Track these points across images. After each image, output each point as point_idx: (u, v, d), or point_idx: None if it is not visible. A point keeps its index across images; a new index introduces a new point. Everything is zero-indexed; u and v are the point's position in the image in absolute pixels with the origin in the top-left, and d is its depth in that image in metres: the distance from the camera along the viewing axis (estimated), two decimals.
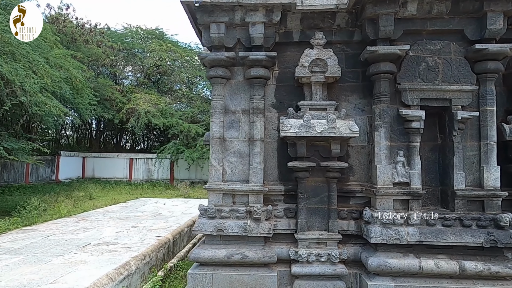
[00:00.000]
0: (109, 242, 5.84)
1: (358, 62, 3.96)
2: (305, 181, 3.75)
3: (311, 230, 3.73)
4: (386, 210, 3.51)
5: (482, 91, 3.57)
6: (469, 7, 3.49)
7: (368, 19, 3.63)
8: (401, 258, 3.41)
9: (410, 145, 3.62)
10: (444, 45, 3.64)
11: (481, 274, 3.30)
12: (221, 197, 3.82)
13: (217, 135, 3.89)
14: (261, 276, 3.58)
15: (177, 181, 19.73)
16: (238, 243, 3.71)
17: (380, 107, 3.63)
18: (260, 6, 3.68)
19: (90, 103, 15.04)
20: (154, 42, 22.92)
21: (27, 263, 4.58)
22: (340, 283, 3.58)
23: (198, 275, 3.62)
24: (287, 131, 3.57)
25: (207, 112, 20.88)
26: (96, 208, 10.27)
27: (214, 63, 3.88)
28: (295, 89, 4.07)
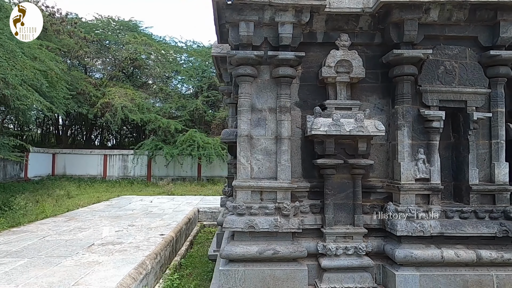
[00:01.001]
0: (114, 241, 5.71)
1: (378, 64, 4.14)
2: (332, 178, 3.89)
3: (337, 224, 3.88)
4: (409, 204, 3.74)
5: (493, 94, 3.89)
6: (484, 15, 3.77)
7: (393, 23, 3.81)
8: (424, 249, 3.65)
9: (429, 143, 3.86)
10: (461, 50, 3.91)
11: (494, 261, 3.61)
12: (249, 194, 3.87)
13: (245, 133, 3.93)
14: (292, 271, 3.68)
15: (155, 178, 19.34)
16: (267, 239, 3.79)
17: (404, 107, 3.84)
18: (290, 6, 3.74)
19: (65, 97, 14.32)
20: (128, 34, 22.15)
21: (36, 266, 4.40)
22: (366, 274, 3.76)
23: (230, 272, 3.66)
24: (317, 130, 3.68)
25: (185, 108, 20.62)
26: (80, 207, 9.92)
27: (242, 61, 3.90)
28: (317, 88, 4.19)
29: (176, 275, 4.96)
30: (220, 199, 6.14)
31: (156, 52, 22.48)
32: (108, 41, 23.11)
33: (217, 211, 10.08)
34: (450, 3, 3.67)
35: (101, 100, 18.25)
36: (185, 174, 19.70)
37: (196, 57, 23.61)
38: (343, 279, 3.74)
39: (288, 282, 3.66)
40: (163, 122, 18.18)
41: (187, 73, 21.75)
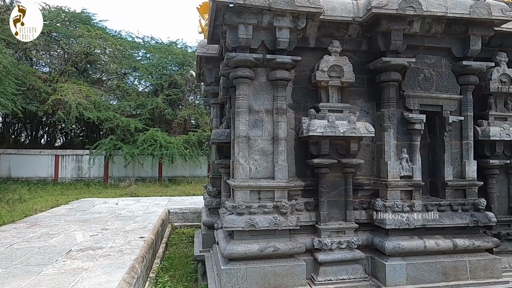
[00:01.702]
0: (92, 246, 5.49)
1: (364, 70, 4.44)
2: (326, 177, 4.11)
3: (331, 220, 4.11)
4: (396, 200, 4.08)
5: (464, 99, 4.36)
6: (457, 29, 4.22)
7: (380, 32, 4.11)
8: (409, 240, 4.00)
9: (411, 144, 4.24)
10: (437, 59, 4.34)
11: (467, 248, 4.07)
12: (248, 193, 3.95)
13: (244, 134, 4.00)
14: (291, 266, 3.84)
15: (113, 179, 18.51)
16: (266, 237, 3.90)
17: (389, 111, 4.17)
18: (288, 12, 3.89)
19: (13, 93, 13.16)
20: (81, 27, 20.85)
21: (16, 275, 4.12)
22: (358, 266, 4.04)
23: (232, 271, 3.72)
24: (314, 131, 3.87)
25: (145, 106, 19.97)
26: (39, 212, 9.27)
27: (241, 64, 3.97)
28: (309, 91, 4.39)
29: (167, 277, 4.88)
30: (204, 200, 6.12)
31: (112, 47, 21.40)
32: (58, 33, 21.54)
33: (188, 211, 9.97)
34: (430, 17, 4.06)
35: (52, 97, 16.99)
36: (145, 175, 19.05)
37: (155, 54, 22.88)
38: (338, 272, 3.98)
39: (288, 277, 3.81)
40: (122, 121, 17.41)
41: (146, 70, 20.99)
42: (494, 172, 4.57)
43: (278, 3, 3.80)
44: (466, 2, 4.09)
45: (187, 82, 21.44)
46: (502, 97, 4.65)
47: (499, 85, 4.53)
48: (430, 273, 3.96)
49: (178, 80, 20.96)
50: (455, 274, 4.01)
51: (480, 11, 4.05)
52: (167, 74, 21.75)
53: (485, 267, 4.08)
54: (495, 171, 4.56)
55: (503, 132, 4.40)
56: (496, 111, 4.62)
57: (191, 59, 22.50)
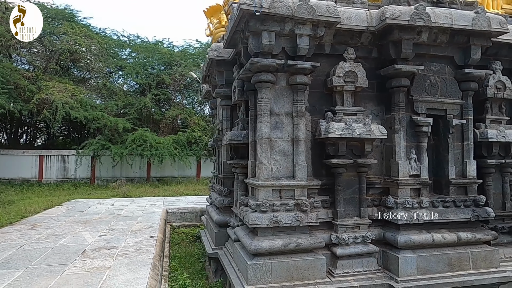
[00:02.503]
0: (106, 246, 5.56)
1: (373, 75, 4.73)
2: (342, 176, 4.38)
3: (347, 217, 4.38)
4: (406, 197, 4.39)
5: (465, 104, 4.74)
6: (460, 39, 4.58)
7: (392, 41, 4.42)
8: (418, 234, 4.32)
9: (419, 145, 4.57)
10: (441, 67, 4.69)
11: (469, 241, 4.43)
12: (271, 192, 4.16)
13: (266, 136, 4.21)
14: (312, 260, 4.07)
15: (100, 180, 18.25)
16: (288, 233, 4.12)
17: (400, 114, 4.48)
18: (308, 20, 4.12)
19: None
20: (65, 24, 20.39)
21: (40, 275, 4.18)
22: (372, 259, 4.32)
23: (258, 265, 3.91)
24: (333, 133, 4.13)
25: (133, 106, 19.78)
26: (34, 213, 9.12)
27: (263, 69, 4.18)
28: (324, 95, 4.64)
29: (186, 274, 5.01)
30: (213, 199, 6.26)
31: (97, 45, 21.02)
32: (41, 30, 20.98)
33: (186, 211, 10.05)
34: (437, 28, 4.39)
35: (37, 96, 16.57)
36: (133, 175, 18.87)
37: (141, 53, 22.66)
38: (354, 265, 4.25)
39: (309, 270, 4.05)
40: (111, 121, 17.19)
41: (133, 69, 20.76)
42: (491, 171, 4.97)
43: (301, 12, 4.03)
44: (469, 15, 4.45)
45: (174, 82, 21.35)
46: (497, 102, 5.07)
47: (495, 91, 4.94)
48: (438, 264, 4.30)
49: (166, 80, 20.85)
50: (459, 264, 4.36)
51: (481, 23, 4.42)
52: (154, 74, 21.60)
53: (485, 258, 4.46)
54: (491, 170, 4.97)
55: (499, 134, 4.80)
56: (492, 115, 5.03)
57: (178, 59, 22.45)
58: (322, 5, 4.13)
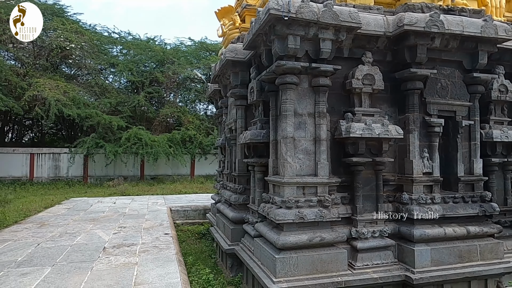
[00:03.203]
0: (124, 243, 5.66)
1: (388, 78, 4.96)
2: (361, 174, 4.61)
3: (365, 212, 4.62)
4: (420, 193, 4.66)
5: (472, 106, 5.04)
6: (469, 45, 4.88)
7: (407, 46, 4.67)
8: (431, 228, 4.60)
9: (431, 144, 4.85)
10: (451, 71, 4.98)
11: (477, 234, 4.75)
12: (295, 189, 4.35)
13: (290, 135, 4.39)
14: (335, 253, 4.29)
15: (93, 178, 18.07)
16: (311, 228, 4.32)
17: (414, 115, 4.75)
18: (331, 25, 4.32)
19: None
20: (55, 20, 20.00)
21: (69, 271, 4.26)
22: (389, 252, 4.58)
23: (285, 259, 4.10)
24: (354, 133, 4.35)
25: (126, 104, 19.64)
26: (37, 212, 9.06)
27: (288, 71, 4.36)
28: (342, 96, 4.86)
29: (208, 269, 5.14)
30: (227, 197, 6.40)
31: (88, 41, 20.71)
32: None
33: (189, 209, 10.14)
34: (449, 34, 4.67)
35: (28, 92, 16.25)
36: (127, 174, 18.74)
37: (134, 50, 22.45)
38: (372, 258, 4.49)
39: (332, 263, 4.27)
40: (105, 119, 17.01)
41: (126, 66, 20.56)
42: (494, 169, 5.30)
43: (325, 18, 4.22)
44: (478, 23, 4.75)
45: (168, 79, 21.26)
46: (500, 104, 5.40)
47: (498, 93, 5.27)
48: (449, 256, 4.59)
49: (159, 78, 20.75)
50: (468, 256, 4.67)
51: (489, 30, 4.73)
52: (147, 71, 21.45)
53: (491, 250, 4.78)
54: (495, 168, 5.30)
55: (503, 134, 5.14)
56: (495, 116, 5.36)
57: (171, 57, 22.35)
58: (345, 11, 4.34)
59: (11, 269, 4.32)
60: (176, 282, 3.86)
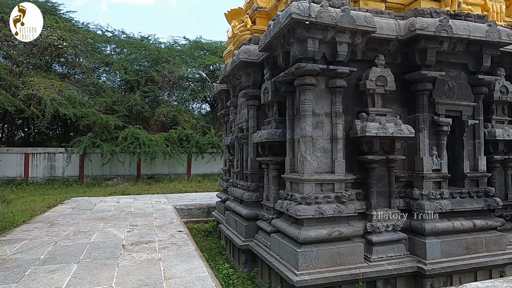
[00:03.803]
0: (141, 241, 5.78)
1: (397, 80, 5.19)
2: (375, 171, 4.83)
3: (379, 208, 4.84)
4: (430, 189, 4.91)
5: (477, 106, 5.32)
6: (474, 49, 5.15)
7: (418, 49, 4.91)
8: (441, 222, 4.85)
9: (439, 143, 5.11)
10: (457, 73, 5.24)
11: (483, 227, 5.03)
12: (314, 186, 4.55)
13: (309, 134, 4.59)
14: (353, 247, 4.51)
15: (89, 178, 17.96)
16: (329, 223, 4.53)
17: (424, 115, 4.99)
18: (347, 29, 4.52)
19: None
20: (49, 17, 19.72)
21: (96, 268, 4.38)
22: (401, 245, 4.82)
23: (307, 253, 4.30)
24: (370, 132, 4.57)
25: (122, 103, 19.56)
26: (42, 212, 9.04)
27: (307, 73, 4.55)
28: (356, 97, 5.08)
29: (227, 264, 5.30)
30: (239, 195, 6.55)
31: (82, 40, 20.50)
32: None
33: (194, 208, 10.26)
34: (456, 38, 4.92)
35: (23, 91, 16.02)
36: (123, 173, 18.62)
37: (128, 49, 22.31)
38: (386, 251, 4.72)
39: (350, 256, 4.48)
40: (102, 118, 16.91)
41: (121, 65, 20.43)
42: (496, 166, 5.60)
43: (343, 22, 4.42)
44: (483, 27, 5.02)
45: (163, 79, 21.21)
46: (501, 104, 5.70)
47: (499, 94, 5.56)
48: (457, 248, 4.85)
49: (155, 77, 20.69)
50: (475, 248, 4.94)
51: (493, 35, 5.00)
52: (142, 70, 21.36)
53: (495, 242, 5.07)
54: (496, 165, 5.60)
55: (504, 133, 5.43)
56: (497, 116, 5.66)
57: (166, 56, 22.30)
58: (361, 16, 4.54)
59: (37, 266, 4.40)
60: (205, 276, 4.01)
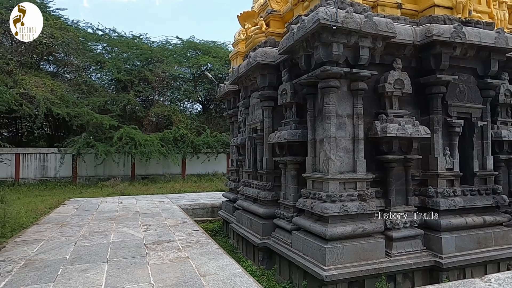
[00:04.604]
0: (161, 240, 5.85)
1: (412, 83, 5.44)
2: (394, 170, 5.05)
3: (397, 205, 5.07)
4: (444, 187, 5.17)
5: (485, 109, 5.62)
6: (483, 54, 5.45)
7: (433, 54, 5.16)
8: (454, 218, 5.12)
9: (451, 143, 5.38)
10: (468, 77, 5.53)
11: (492, 223, 5.33)
12: (338, 185, 4.73)
13: (333, 135, 4.77)
14: (375, 243, 4.71)
15: (82, 178, 17.72)
16: (352, 220, 4.72)
17: (438, 117, 5.25)
18: (369, 34, 4.73)
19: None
20: None
21: (129, 266, 4.45)
22: (418, 240, 5.06)
23: (333, 248, 4.47)
24: (390, 132, 4.79)
25: (115, 103, 19.36)
26: (47, 213, 8.94)
27: (331, 75, 4.72)
28: (373, 99, 5.29)
29: (250, 261, 5.41)
30: (253, 194, 6.67)
31: (74, 38, 20.14)
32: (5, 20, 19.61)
33: (198, 207, 10.32)
34: (467, 44, 5.20)
35: (15, 90, 15.65)
36: (117, 173, 18.43)
37: (120, 48, 22.04)
38: (404, 246, 4.95)
39: (372, 252, 4.68)
40: (96, 118, 16.70)
41: (114, 65, 20.18)
42: (501, 165, 5.92)
43: (366, 27, 4.62)
44: (492, 34, 5.31)
45: (157, 78, 21.08)
46: (505, 106, 6.04)
47: (504, 97, 5.89)
48: (470, 243, 5.13)
49: (148, 76, 20.54)
50: (485, 242, 5.24)
51: (501, 41, 5.31)
52: (136, 70, 21.16)
53: (503, 236, 5.38)
54: (501, 164, 5.92)
55: (510, 134, 5.76)
56: (501, 117, 5.99)
57: (158, 55, 22.16)
58: (382, 22, 4.75)
59: (67, 266, 4.41)
60: (240, 273, 4.13)
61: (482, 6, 5.84)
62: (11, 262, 4.63)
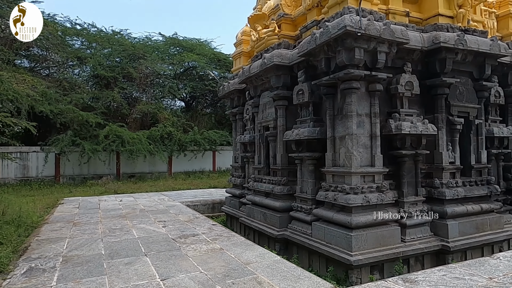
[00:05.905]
0: (187, 235, 6.09)
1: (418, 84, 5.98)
2: (406, 164, 5.57)
3: (408, 196, 5.59)
4: (448, 179, 5.75)
5: (480, 108, 6.27)
6: (479, 60, 6.07)
7: (438, 59, 5.71)
8: (457, 206, 5.72)
9: (453, 139, 5.97)
10: (466, 79, 6.15)
11: (487, 210, 5.99)
12: (359, 178, 5.17)
13: (355, 132, 5.19)
14: (392, 230, 5.20)
15: (65, 178, 17.28)
16: (372, 210, 5.18)
17: (442, 115, 5.82)
18: (387, 40, 5.19)
19: None
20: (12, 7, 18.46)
21: (170, 258, 4.69)
22: (427, 227, 5.61)
23: (358, 236, 4.91)
24: (404, 130, 5.28)
25: (101, 100, 18.99)
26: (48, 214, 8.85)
27: (353, 78, 5.14)
28: (385, 100, 5.77)
29: (275, 251, 5.73)
30: (267, 190, 7.00)
31: (53, 33, 19.44)
32: None
33: (199, 204, 10.51)
34: (467, 50, 5.79)
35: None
36: (102, 172, 18.09)
37: (101, 44, 21.50)
38: (416, 232, 5.48)
39: (390, 238, 5.17)
40: (82, 115, 16.29)
41: (96, 60, 19.68)
42: (492, 158, 6.62)
43: (385, 34, 5.07)
44: (487, 42, 5.94)
45: (141, 75, 20.79)
46: (495, 106, 6.74)
47: (494, 98, 6.59)
48: (470, 228, 5.75)
49: (132, 73, 20.21)
50: (482, 227, 5.88)
51: (495, 48, 5.95)
52: (119, 67, 20.74)
53: (496, 222, 6.05)
54: (492, 158, 6.62)
55: (500, 131, 6.47)
56: (492, 116, 6.69)
57: (141, 52, 21.84)
58: (398, 29, 5.23)
59: (109, 261, 4.55)
60: (279, 260, 4.46)
61: (477, 16, 6.48)
62: (48, 259, 4.70)
